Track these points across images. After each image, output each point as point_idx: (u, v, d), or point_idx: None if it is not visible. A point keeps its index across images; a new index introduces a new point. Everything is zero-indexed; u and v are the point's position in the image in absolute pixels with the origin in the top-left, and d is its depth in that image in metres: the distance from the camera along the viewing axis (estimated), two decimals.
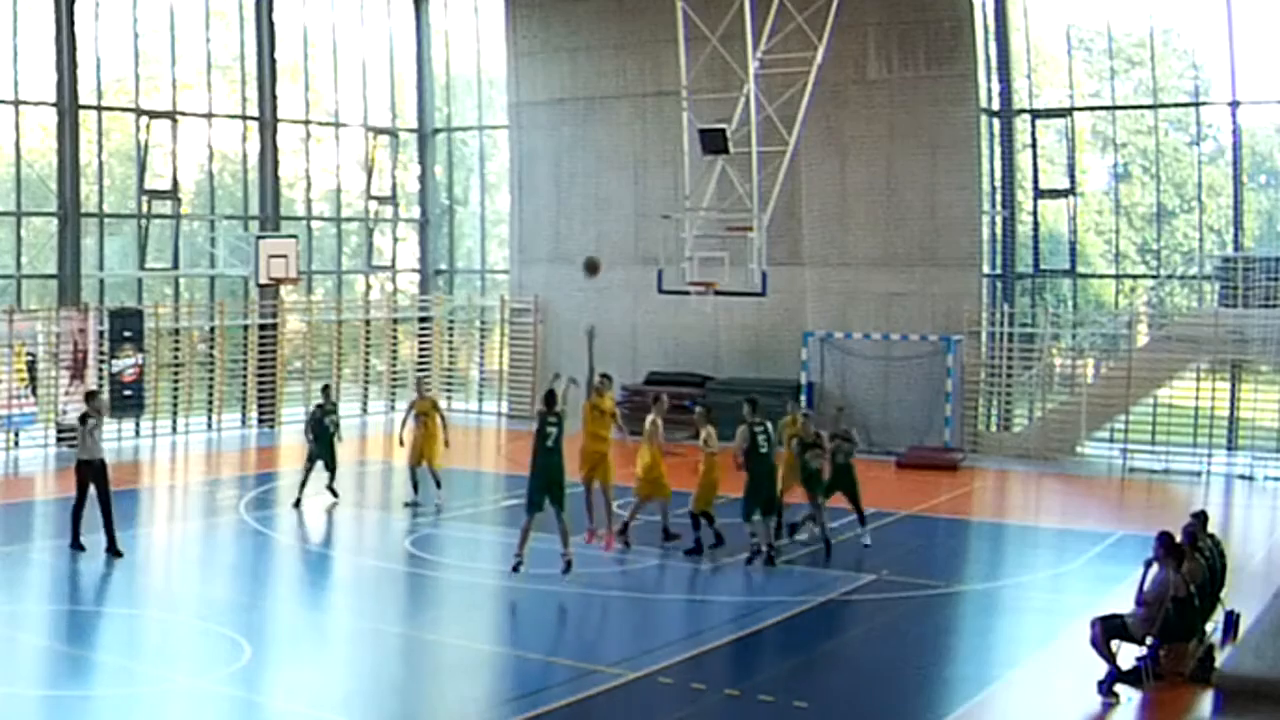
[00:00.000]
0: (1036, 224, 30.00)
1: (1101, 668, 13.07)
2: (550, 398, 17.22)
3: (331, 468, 21.79)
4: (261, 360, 30.70)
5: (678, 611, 16.35)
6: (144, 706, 12.58)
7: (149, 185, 29.12)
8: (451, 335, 35.16)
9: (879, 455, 26.99)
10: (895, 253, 28.95)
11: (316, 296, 33.65)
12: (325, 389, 22.67)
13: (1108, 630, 13.20)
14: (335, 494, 21.84)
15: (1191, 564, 13.75)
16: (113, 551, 17.72)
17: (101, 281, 28.69)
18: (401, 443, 22.17)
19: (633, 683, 13.21)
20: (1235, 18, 26.86)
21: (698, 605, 16.60)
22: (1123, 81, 29.82)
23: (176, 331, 29.48)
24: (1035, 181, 29.90)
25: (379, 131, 33.96)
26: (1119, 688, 12.98)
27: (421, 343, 34.55)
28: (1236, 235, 28.05)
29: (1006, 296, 29.65)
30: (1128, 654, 13.30)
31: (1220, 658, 13.31)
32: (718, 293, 24.87)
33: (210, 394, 29.96)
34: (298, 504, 21.29)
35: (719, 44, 24.35)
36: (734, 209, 24.38)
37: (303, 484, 21.47)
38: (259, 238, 29.18)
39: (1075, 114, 29.54)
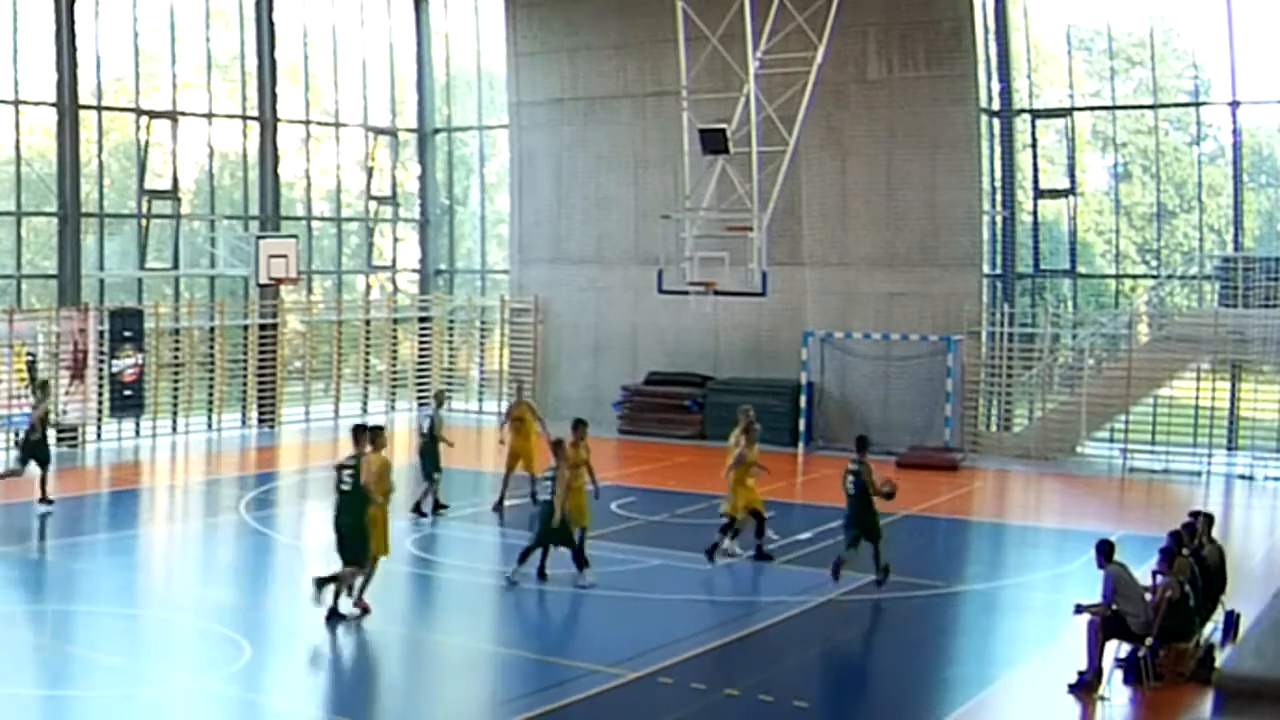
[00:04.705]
0: (1036, 224, 30.00)
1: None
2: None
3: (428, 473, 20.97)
4: (261, 360, 30.69)
5: (678, 611, 16.33)
6: (144, 706, 12.59)
7: (149, 185, 29.12)
8: (451, 335, 35.15)
9: (879, 455, 26.88)
10: (895, 253, 28.95)
11: (316, 296, 33.65)
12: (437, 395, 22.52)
13: (1107, 627, 13.20)
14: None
15: (1180, 563, 13.78)
16: None
17: (101, 281, 28.67)
18: (502, 442, 22.05)
19: (633, 683, 13.21)
20: (1235, 18, 26.87)
21: (698, 605, 16.59)
22: (1123, 81, 29.82)
23: (176, 331, 29.47)
24: (1035, 181, 29.90)
25: (379, 131, 33.95)
26: (1104, 689, 12.99)
27: (421, 343, 34.54)
28: (1236, 235, 28.05)
29: (1006, 296, 29.64)
30: (1118, 652, 13.33)
31: (1220, 658, 13.32)
32: (718, 293, 24.86)
33: (210, 394, 29.94)
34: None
35: (719, 44, 24.34)
36: (734, 209, 24.38)
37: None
38: (259, 238, 29.18)
39: (1075, 114, 29.55)
